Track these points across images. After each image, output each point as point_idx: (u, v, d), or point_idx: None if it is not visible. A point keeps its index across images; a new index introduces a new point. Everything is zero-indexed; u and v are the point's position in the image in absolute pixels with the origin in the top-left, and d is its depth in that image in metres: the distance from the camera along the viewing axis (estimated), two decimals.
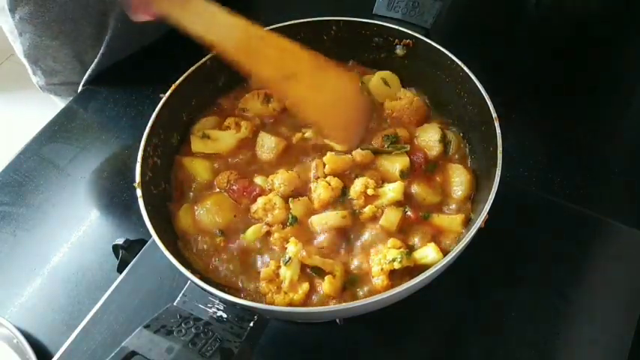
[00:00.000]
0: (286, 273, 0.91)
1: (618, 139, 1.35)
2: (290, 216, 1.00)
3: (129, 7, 0.80)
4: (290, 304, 0.90)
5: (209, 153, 1.12)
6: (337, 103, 0.96)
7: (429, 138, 1.09)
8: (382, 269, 0.91)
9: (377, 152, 1.07)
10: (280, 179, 1.03)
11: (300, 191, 1.04)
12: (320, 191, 1.01)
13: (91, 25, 1.44)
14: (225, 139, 1.12)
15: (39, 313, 1.13)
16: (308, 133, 1.11)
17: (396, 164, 1.05)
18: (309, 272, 0.94)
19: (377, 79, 1.18)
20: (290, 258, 0.92)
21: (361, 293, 0.92)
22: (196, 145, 1.12)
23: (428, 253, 0.92)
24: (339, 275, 0.91)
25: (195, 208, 1.03)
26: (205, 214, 1.01)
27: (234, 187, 1.05)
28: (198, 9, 0.84)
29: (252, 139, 1.13)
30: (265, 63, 0.90)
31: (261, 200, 1.01)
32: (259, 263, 0.97)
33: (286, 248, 0.95)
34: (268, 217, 1.00)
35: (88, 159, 1.38)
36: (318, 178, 1.04)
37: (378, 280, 0.91)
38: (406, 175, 1.04)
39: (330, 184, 1.01)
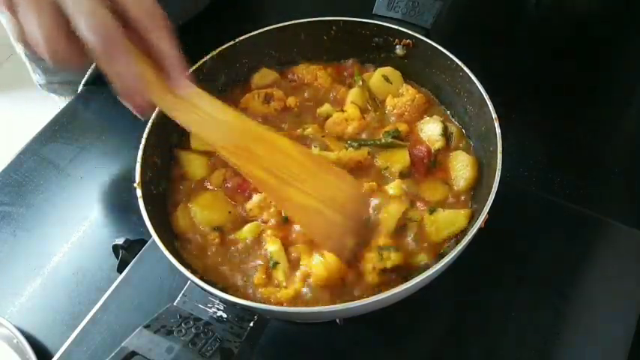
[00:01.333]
0: (279, 274, 0.92)
1: (618, 139, 1.35)
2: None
3: (118, 94, 0.70)
4: (295, 295, 0.90)
5: (208, 150, 1.11)
6: (328, 210, 0.87)
7: (431, 132, 1.09)
8: (374, 267, 0.91)
9: (373, 145, 1.07)
10: None
11: None
12: None
13: None
14: None
15: (39, 313, 1.13)
16: (309, 130, 1.11)
17: (395, 165, 1.04)
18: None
19: (377, 77, 1.17)
20: (276, 263, 0.93)
21: (356, 293, 0.92)
22: (195, 141, 1.12)
23: (420, 253, 0.93)
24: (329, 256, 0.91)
25: (190, 205, 1.03)
26: (200, 212, 1.01)
27: (228, 185, 1.04)
28: (194, 105, 0.76)
29: None
30: (261, 165, 0.81)
31: (256, 198, 1.01)
32: (257, 262, 0.97)
33: (268, 249, 0.95)
34: (264, 214, 1.00)
35: (88, 159, 1.38)
36: None
37: (370, 278, 0.91)
38: (406, 175, 1.04)
39: None
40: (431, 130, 1.09)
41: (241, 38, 1.16)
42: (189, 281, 0.84)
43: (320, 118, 1.15)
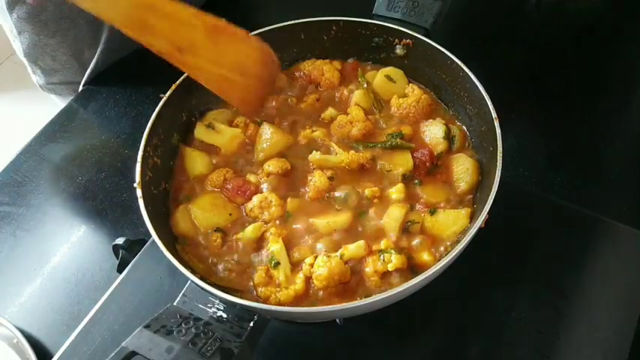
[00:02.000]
0: (279, 274, 0.92)
1: (618, 139, 1.35)
2: (287, 213, 1.00)
3: None
4: (295, 296, 0.90)
5: (208, 144, 1.11)
6: (236, 76, 0.92)
7: (434, 134, 1.09)
8: (375, 271, 0.91)
9: (379, 147, 1.07)
10: (270, 164, 1.05)
11: (295, 188, 1.05)
12: (316, 179, 1.02)
13: (88, 24, 1.45)
14: (227, 135, 1.11)
15: (39, 313, 1.13)
16: (317, 132, 1.10)
17: (398, 168, 1.04)
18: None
19: (380, 77, 1.17)
20: (277, 263, 0.93)
21: (357, 295, 0.92)
22: (200, 131, 1.12)
23: (423, 254, 0.93)
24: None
25: (189, 207, 1.03)
26: (201, 214, 1.01)
27: (228, 186, 1.04)
28: None
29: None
30: (157, 34, 0.86)
31: (256, 198, 1.01)
32: (257, 261, 0.97)
33: (270, 249, 0.95)
34: (265, 214, 1.00)
35: (88, 159, 1.38)
36: (315, 169, 1.05)
37: (371, 281, 0.91)
38: (409, 177, 1.04)
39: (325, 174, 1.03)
40: (434, 132, 1.09)
41: None
42: (189, 281, 0.84)
43: (325, 121, 1.15)
